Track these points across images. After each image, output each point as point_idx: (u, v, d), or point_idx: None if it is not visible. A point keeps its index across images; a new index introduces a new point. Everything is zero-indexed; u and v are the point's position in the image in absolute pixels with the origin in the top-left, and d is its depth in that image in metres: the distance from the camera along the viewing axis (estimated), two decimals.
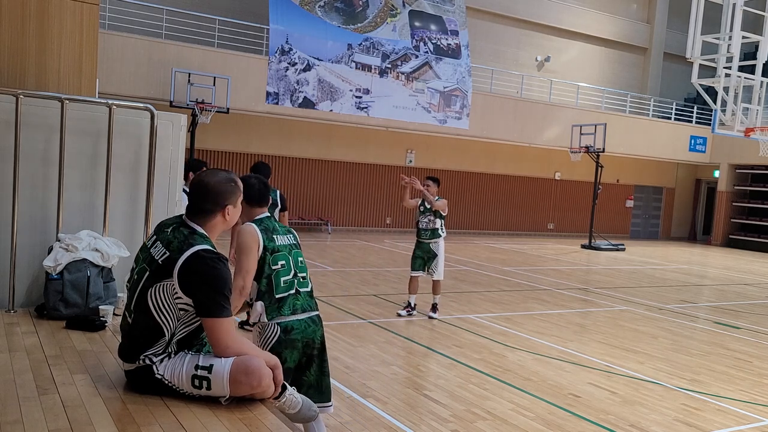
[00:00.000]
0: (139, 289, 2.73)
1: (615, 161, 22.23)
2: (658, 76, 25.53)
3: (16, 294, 4.12)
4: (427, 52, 18.39)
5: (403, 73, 18.00)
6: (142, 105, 4.52)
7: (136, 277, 2.79)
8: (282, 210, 6.68)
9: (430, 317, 7.95)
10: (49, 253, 4.12)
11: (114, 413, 2.58)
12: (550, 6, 22.81)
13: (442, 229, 7.90)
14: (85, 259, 4.09)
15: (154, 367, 2.73)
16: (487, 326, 7.78)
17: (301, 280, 3.39)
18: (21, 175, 4.09)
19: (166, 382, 2.72)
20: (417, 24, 18.48)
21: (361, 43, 17.42)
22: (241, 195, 2.87)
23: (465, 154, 20.84)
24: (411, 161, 20.19)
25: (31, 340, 3.51)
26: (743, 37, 13.30)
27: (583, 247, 19.39)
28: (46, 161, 4.26)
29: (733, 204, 23.82)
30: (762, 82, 14.47)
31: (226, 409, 2.68)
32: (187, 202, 2.89)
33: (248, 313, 3.51)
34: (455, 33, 19.09)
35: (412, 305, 8.10)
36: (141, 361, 2.73)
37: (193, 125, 14.68)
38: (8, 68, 4.61)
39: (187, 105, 14.58)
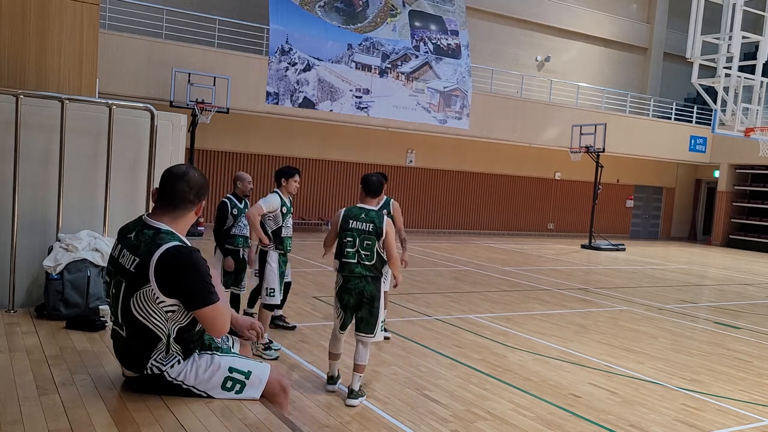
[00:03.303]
0: (121, 302, 2.67)
1: (615, 161, 22.22)
2: (658, 76, 25.52)
3: (16, 294, 4.12)
4: (427, 52, 18.38)
5: (403, 73, 17.99)
6: (142, 105, 4.52)
7: (114, 291, 2.72)
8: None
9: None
10: (49, 253, 4.11)
11: (114, 413, 2.58)
12: (550, 6, 22.81)
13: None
14: (85, 259, 4.09)
15: (166, 374, 2.70)
16: (488, 326, 7.78)
17: (364, 256, 4.71)
18: (21, 175, 4.09)
19: (185, 386, 2.71)
20: (417, 24, 18.47)
21: (361, 43, 17.41)
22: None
23: (465, 154, 20.84)
24: (411, 161, 20.19)
25: (31, 340, 3.50)
26: (743, 37, 13.30)
27: (583, 247, 19.39)
28: (46, 161, 4.26)
29: (733, 204, 23.81)
30: (762, 82, 14.47)
31: (226, 408, 2.68)
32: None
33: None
34: (455, 33, 19.08)
35: None
36: (149, 370, 2.70)
37: (193, 125, 14.67)
38: (8, 68, 4.61)
39: (187, 105, 14.58)
